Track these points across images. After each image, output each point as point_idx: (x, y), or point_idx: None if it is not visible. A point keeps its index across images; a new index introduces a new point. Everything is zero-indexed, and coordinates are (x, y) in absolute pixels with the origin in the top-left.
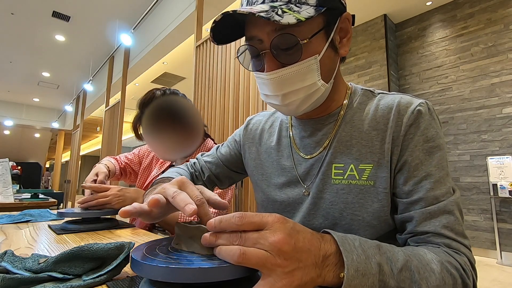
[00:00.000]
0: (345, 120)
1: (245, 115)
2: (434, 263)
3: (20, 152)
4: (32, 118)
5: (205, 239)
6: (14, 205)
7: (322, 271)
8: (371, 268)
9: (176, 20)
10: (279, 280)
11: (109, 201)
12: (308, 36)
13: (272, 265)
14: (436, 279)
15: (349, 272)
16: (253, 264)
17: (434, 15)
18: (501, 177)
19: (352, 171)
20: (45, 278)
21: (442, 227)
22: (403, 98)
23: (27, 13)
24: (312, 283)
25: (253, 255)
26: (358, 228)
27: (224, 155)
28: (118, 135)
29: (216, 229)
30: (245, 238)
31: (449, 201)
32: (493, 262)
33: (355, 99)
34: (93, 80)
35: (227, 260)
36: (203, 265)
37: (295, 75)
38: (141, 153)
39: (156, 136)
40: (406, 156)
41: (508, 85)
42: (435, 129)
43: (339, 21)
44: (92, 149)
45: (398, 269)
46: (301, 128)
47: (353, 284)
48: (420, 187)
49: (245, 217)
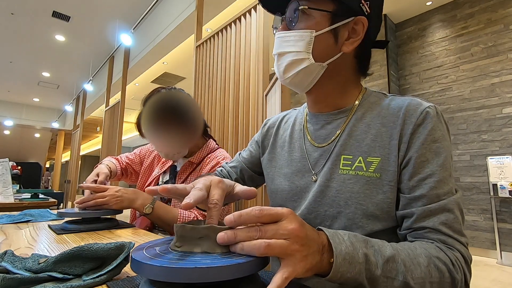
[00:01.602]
0: (356, 117)
1: (245, 115)
2: (422, 257)
3: (20, 152)
4: (32, 118)
5: (222, 237)
6: (14, 205)
7: (321, 257)
8: (358, 257)
9: (176, 20)
10: (297, 263)
11: (107, 202)
12: (310, 6)
13: (291, 251)
14: (422, 272)
15: (337, 260)
16: (277, 253)
17: (434, 15)
18: (501, 177)
19: (360, 163)
20: (45, 278)
21: (440, 224)
22: (413, 100)
23: (27, 13)
24: (316, 267)
25: (277, 244)
26: (362, 217)
27: (246, 158)
28: (118, 135)
29: (236, 223)
30: (264, 230)
31: (450, 200)
32: (493, 262)
33: (367, 99)
34: (93, 80)
35: (251, 254)
36: (203, 265)
37: (291, 39)
38: (142, 153)
39: (154, 127)
40: (412, 153)
41: (508, 85)
42: (442, 131)
43: (353, 21)
44: (92, 149)
45: (385, 260)
46: (314, 121)
47: (340, 270)
48: (424, 184)
49: (264, 210)
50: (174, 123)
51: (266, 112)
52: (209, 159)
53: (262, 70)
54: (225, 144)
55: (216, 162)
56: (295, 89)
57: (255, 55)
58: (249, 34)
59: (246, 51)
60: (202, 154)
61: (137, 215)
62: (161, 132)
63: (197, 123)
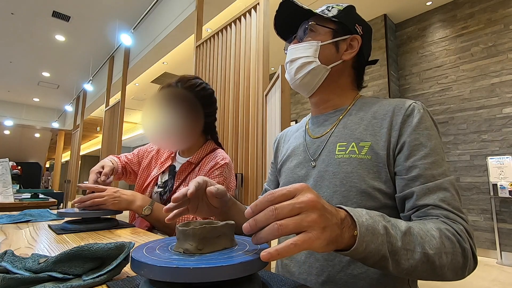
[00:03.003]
0: (350, 112)
1: (245, 115)
2: (434, 230)
3: (20, 152)
4: (32, 118)
5: (246, 227)
6: (14, 205)
7: (342, 231)
8: (378, 229)
9: (176, 20)
10: (316, 235)
11: (105, 202)
12: (318, 23)
13: (308, 222)
14: (437, 243)
15: (361, 230)
16: (292, 228)
17: (434, 15)
18: (501, 177)
19: (353, 148)
20: (45, 278)
21: (440, 201)
22: (402, 99)
23: (27, 13)
24: (336, 241)
25: (289, 221)
26: (355, 195)
27: (272, 180)
28: (118, 135)
29: (254, 213)
30: (281, 207)
31: (444, 180)
32: (493, 262)
33: (361, 101)
34: (93, 80)
35: (267, 236)
36: (203, 265)
37: (301, 48)
38: (141, 153)
39: (152, 117)
40: (405, 138)
41: (508, 85)
42: (430, 122)
43: (349, 38)
44: (92, 149)
45: (402, 233)
46: (315, 121)
47: (365, 240)
48: (420, 164)
49: (275, 192)
50: (175, 113)
51: (266, 112)
52: (207, 160)
53: (262, 70)
54: (225, 144)
55: (215, 163)
56: (302, 91)
57: (255, 55)
58: (249, 34)
59: (246, 51)
60: (201, 154)
61: (136, 215)
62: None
63: (198, 117)
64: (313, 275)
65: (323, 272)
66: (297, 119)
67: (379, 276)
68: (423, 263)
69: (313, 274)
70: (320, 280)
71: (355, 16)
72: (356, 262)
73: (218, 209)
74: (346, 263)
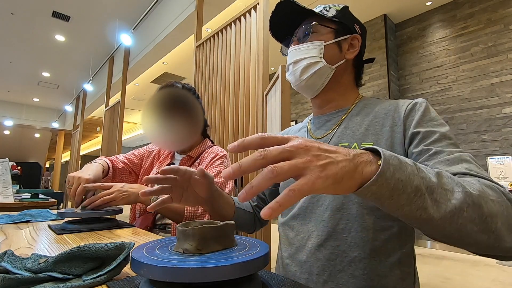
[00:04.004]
0: (352, 113)
1: (245, 115)
2: (471, 180)
3: (20, 152)
4: (32, 118)
5: (228, 172)
6: (14, 205)
7: (358, 166)
8: (406, 161)
9: (176, 20)
10: (315, 174)
11: (114, 198)
12: (320, 23)
13: (303, 163)
14: (479, 187)
15: (385, 154)
16: (286, 171)
17: (434, 15)
18: (501, 177)
19: (355, 148)
20: (45, 278)
21: (466, 169)
22: (402, 99)
23: (27, 13)
24: (349, 178)
25: (284, 164)
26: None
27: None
28: (118, 135)
29: (239, 148)
30: (269, 150)
31: (463, 153)
32: (493, 262)
33: (363, 101)
34: (93, 80)
35: (261, 184)
36: (203, 265)
37: (304, 49)
38: (141, 153)
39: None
40: (413, 129)
41: (508, 85)
42: (435, 112)
43: (350, 38)
44: (92, 149)
45: (435, 172)
46: (316, 122)
47: (392, 163)
48: (438, 143)
49: (267, 134)
50: (179, 113)
51: (266, 112)
52: (207, 153)
53: (262, 70)
54: (225, 144)
55: (215, 154)
56: (306, 93)
57: (255, 55)
58: (249, 34)
59: (246, 51)
60: (200, 150)
61: (136, 215)
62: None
63: (199, 119)
64: (314, 275)
65: (324, 272)
66: (297, 119)
67: (380, 277)
68: (469, 206)
69: (314, 274)
70: (321, 280)
71: (352, 16)
72: (358, 262)
73: (204, 199)
74: (348, 263)
